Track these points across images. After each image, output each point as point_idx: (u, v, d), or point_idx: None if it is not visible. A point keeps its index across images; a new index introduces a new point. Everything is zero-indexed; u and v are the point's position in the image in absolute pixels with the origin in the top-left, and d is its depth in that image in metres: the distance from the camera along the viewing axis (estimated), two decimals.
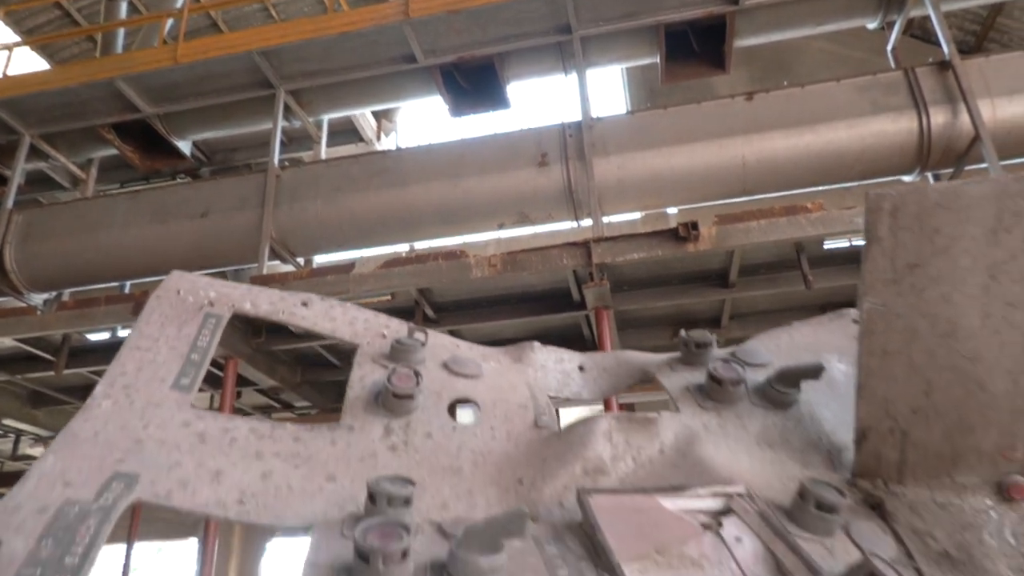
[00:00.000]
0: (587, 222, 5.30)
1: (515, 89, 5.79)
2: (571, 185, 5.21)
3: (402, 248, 6.31)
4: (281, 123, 5.42)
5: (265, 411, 6.34)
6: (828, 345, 1.38)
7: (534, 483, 1.13)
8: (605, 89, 10.48)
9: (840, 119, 4.83)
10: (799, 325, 1.48)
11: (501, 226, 5.47)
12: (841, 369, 1.33)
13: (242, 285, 1.39)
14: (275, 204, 5.17)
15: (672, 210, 7.52)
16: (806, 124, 4.88)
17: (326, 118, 6.26)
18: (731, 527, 1.00)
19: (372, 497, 0.94)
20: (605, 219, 5.19)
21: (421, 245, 6.57)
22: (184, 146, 6.12)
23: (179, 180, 6.85)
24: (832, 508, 1.01)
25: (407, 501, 0.94)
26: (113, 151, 6.12)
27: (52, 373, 5.28)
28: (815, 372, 1.26)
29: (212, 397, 5.98)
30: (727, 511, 1.03)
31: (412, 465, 1.14)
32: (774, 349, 1.41)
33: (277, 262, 5.45)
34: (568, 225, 5.66)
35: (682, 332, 1.41)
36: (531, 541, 0.96)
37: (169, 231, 5.36)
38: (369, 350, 1.34)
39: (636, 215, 7.60)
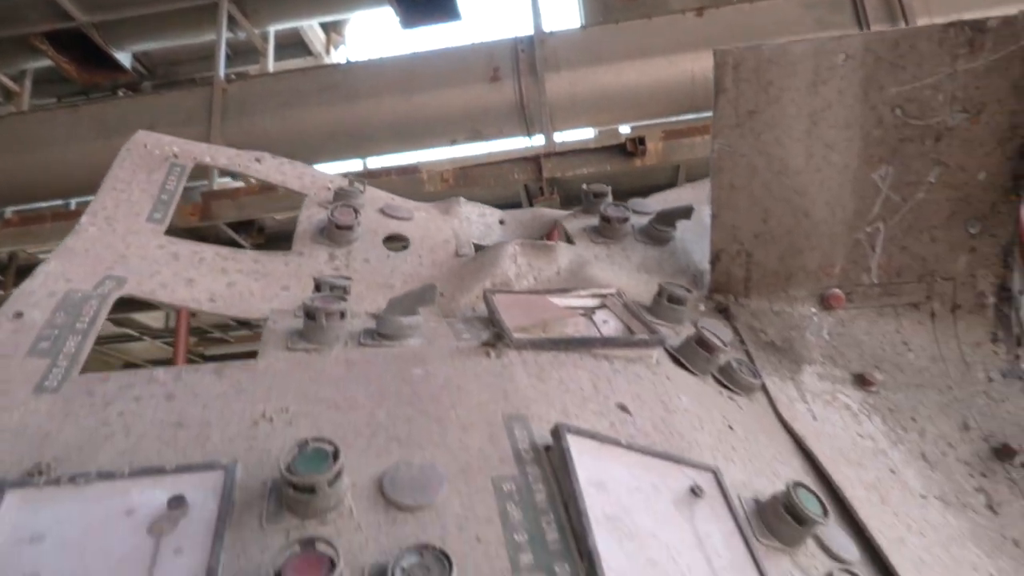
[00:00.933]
0: (540, 139, 5.56)
1: (467, 0, 5.93)
2: (523, 101, 5.45)
3: (355, 165, 6.50)
4: (225, 34, 5.51)
5: None
6: (703, 199, 1.71)
7: (453, 296, 1.45)
8: (560, 3, 10.53)
9: (786, 35, 5.12)
10: (686, 187, 1.81)
11: (454, 142, 5.70)
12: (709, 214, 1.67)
13: (202, 144, 1.65)
14: (222, 119, 5.30)
15: (625, 128, 7.80)
16: (754, 40, 5.15)
17: (272, 30, 6.32)
18: (601, 314, 1.34)
19: (318, 286, 1.24)
20: (558, 136, 5.46)
21: (374, 162, 6.76)
22: (124, 58, 6.15)
23: (120, 95, 6.87)
24: (680, 300, 1.36)
25: (346, 290, 1.25)
26: (48, 63, 6.12)
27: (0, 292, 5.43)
28: (687, 212, 1.60)
29: None
30: (601, 306, 1.37)
31: (351, 283, 1.45)
32: (661, 202, 1.74)
33: (228, 179, 5.61)
34: (521, 142, 5.92)
35: (584, 186, 1.73)
36: (444, 323, 1.28)
37: (113, 147, 5.45)
38: (315, 198, 1.63)
39: (589, 132, 7.86)
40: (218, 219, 4.68)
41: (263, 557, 0.75)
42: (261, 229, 5.36)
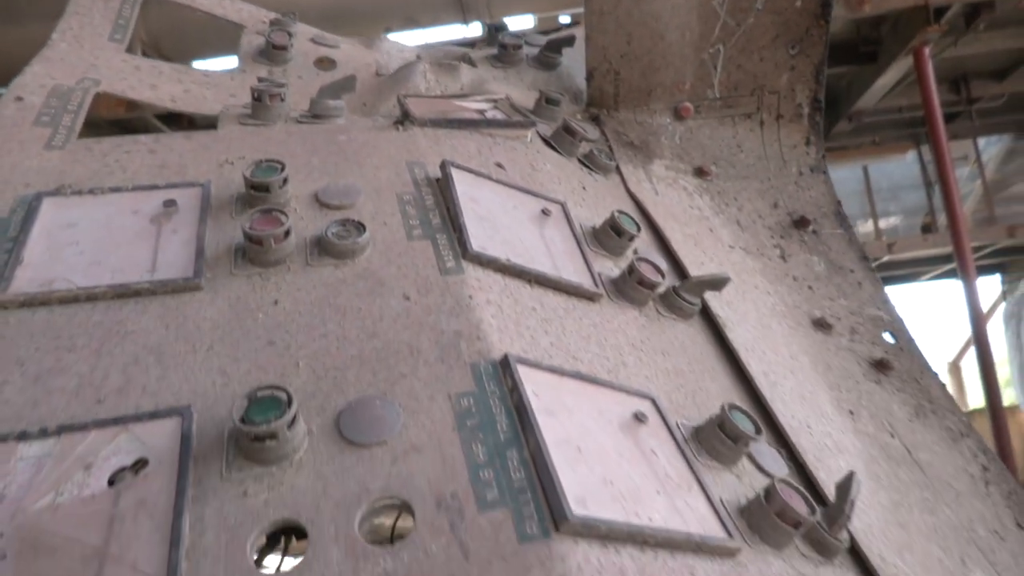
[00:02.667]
0: (478, 28, 5.76)
1: None
2: None
3: None
4: None
5: None
6: None
7: (373, 104, 1.81)
8: None
9: None
10: (579, 26, 2.17)
11: (388, 30, 5.84)
12: None
13: None
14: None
15: (565, 17, 7.98)
16: None
17: None
18: (491, 112, 1.72)
19: (258, 96, 1.58)
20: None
21: None
22: None
23: None
24: (555, 101, 1.75)
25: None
26: None
27: None
28: (570, 41, 1.97)
29: None
30: (493, 108, 1.75)
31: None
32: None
33: None
34: (458, 31, 6.09)
35: (486, 21, 2.07)
36: (366, 118, 1.65)
37: (27, 34, 5.43)
38: (252, 28, 1.94)
39: (529, 21, 8.02)
40: (146, 110, 4.82)
41: (239, 221, 1.15)
42: (191, 121, 5.51)
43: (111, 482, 0.85)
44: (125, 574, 0.76)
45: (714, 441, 1.05)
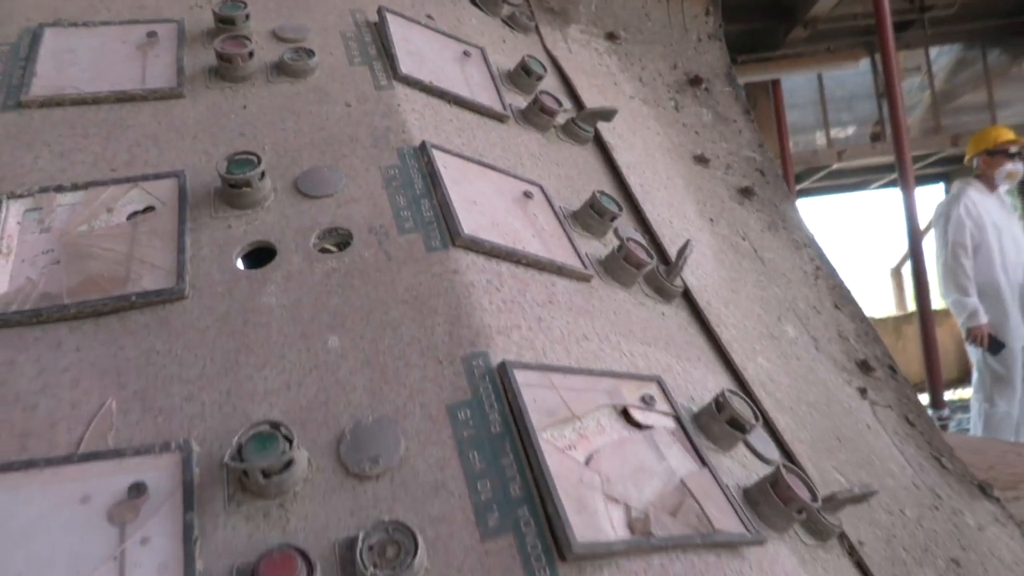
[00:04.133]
0: None
1: None
2: None
3: None
4: None
5: None
6: None
7: None
8: None
9: None
10: None
11: None
12: None
13: None
14: None
15: None
16: None
17: None
18: None
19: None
20: None
21: None
22: None
23: None
24: None
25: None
26: None
27: None
28: None
29: None
30: None
31: None
32: None
33: None
34: None
35: None
36: None
37: None
38: None
39: None
40: None
41: (211, 48, 1.44)
42: None
43: (128, 218, 1.17)
44: (147, 269, 1.09)
45: (586, 218, 1.41)
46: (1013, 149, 6.82)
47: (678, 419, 1.03)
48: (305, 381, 0.96)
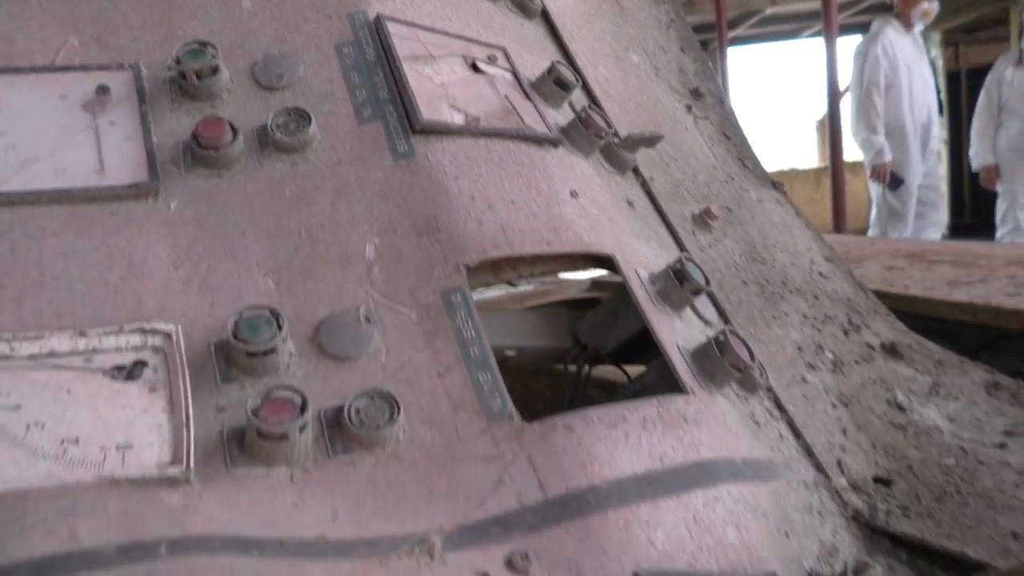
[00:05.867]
0: None
1: None
2: None
3: None
4: None
5: None
6: None
7: None
8: None
9: None
10: None
11: None
12: None
13: None
14: None
15: None
16: None
17: None
18: None
19: None
20: None
21: None
22: None
23: None
24: None
25: None
26: None
27: None
28: None
29: None
30: None
31: None
32: None
33: None
34: None
35: None
36: None
37: None
38: None
39: None
40: None
41: None
42: None
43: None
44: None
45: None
46: None
47: (516, 76, 1.39)
48: (225, 29, 1.27)
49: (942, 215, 8.51)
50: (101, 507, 0.73)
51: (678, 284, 1.15)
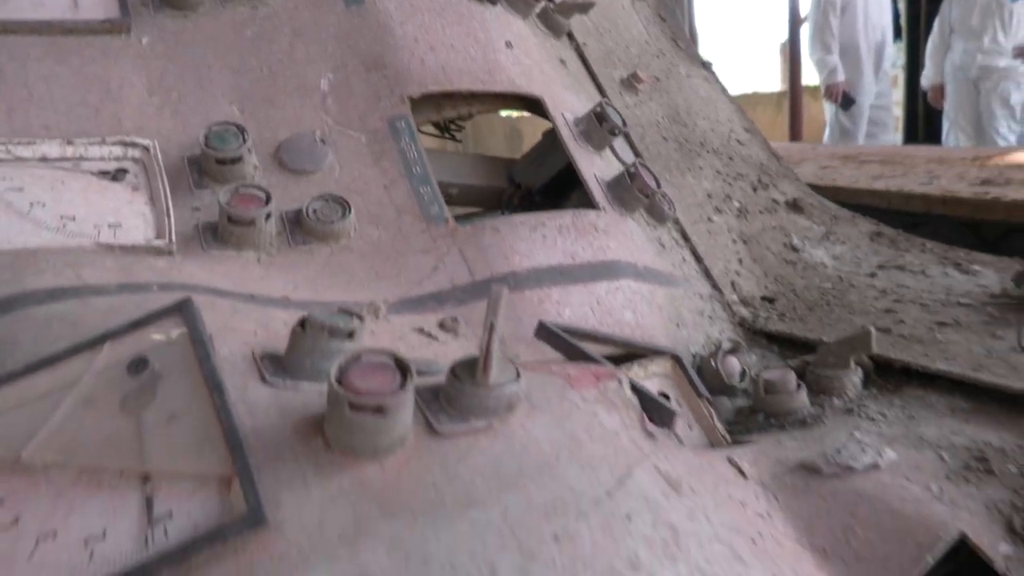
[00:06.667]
0: None
1: None
2: None
3: None
4: None
5: None
6: None
7: None
8: None
9: None
10: None
11: None
12: None
13: None
14: None
15: None
16: None
17: None
18: None
19: None
20: None
21: None
22: None
23: None
24: None
25: None
26: None
27: None
28: None
29: None
30: None
31: None
32: None
33: None
34: None
35: None
36: None
37: None
38: None
39: None
40: None
41: None
42: None
43: None
44: None
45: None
46: None
47: None
48: None
49: (892, 136, 8.77)
50: (100, 262, 0.90)
51: (598, 124, 1.32)
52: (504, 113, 5.20)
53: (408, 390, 0.60)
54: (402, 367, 0.62)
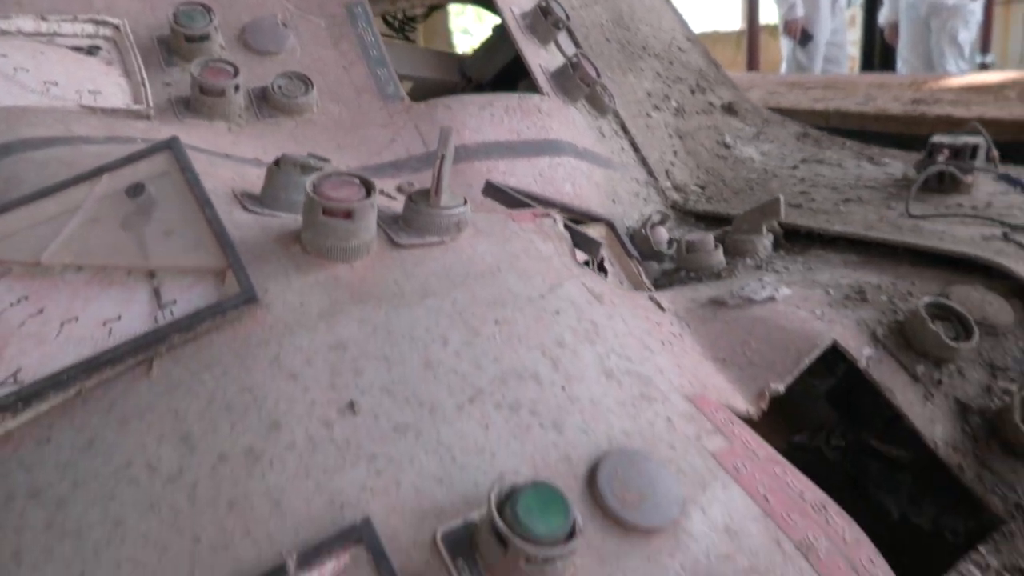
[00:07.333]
0: None
1: None
2: None
3: None
4: None
5: None
6: None
7: None
8: None
9: None
10: None
11: None
12: None
13: None
14: None
15: None
16: None
17: None
18: None
19: None
20: None
21: None
22: None
23: None
24: None
25: None
26: None
27: None
28: None
29: None
30: None
31: None
32: None
33: None
34: None
35: None
36: None
37: None
38: None
39: None
40: None
41: None
42: None
43: None
44: None
45: None
46: None
47: None
48: None
49: (844, 72, 8.96)
50: (86, 120, 0.99)
51: (543, 17, 1.42)
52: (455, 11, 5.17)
53: (373, 200, 0.72)
54: (366, 184, 0.74)
